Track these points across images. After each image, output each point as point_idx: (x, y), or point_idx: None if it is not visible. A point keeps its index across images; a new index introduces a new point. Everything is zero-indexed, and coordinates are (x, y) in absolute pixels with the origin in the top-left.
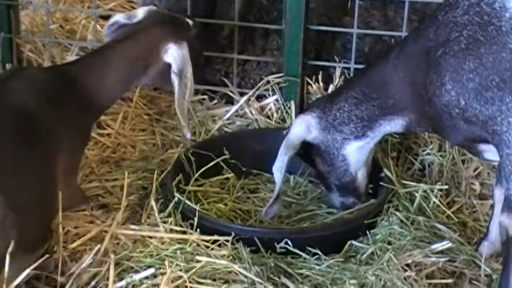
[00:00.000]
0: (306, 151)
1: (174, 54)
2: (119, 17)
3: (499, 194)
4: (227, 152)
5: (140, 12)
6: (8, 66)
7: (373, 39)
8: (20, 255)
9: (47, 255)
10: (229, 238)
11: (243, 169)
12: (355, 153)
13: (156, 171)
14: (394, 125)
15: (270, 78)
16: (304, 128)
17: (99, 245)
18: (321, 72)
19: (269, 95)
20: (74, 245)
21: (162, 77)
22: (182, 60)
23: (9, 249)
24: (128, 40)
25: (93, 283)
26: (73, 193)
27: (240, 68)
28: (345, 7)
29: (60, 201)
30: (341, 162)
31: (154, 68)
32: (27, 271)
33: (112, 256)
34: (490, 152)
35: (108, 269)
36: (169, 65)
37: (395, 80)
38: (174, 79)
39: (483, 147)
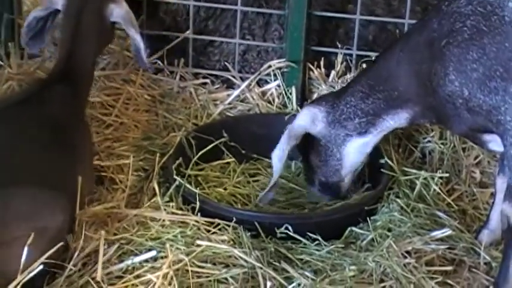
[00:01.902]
0: (304, 142)
1: (119, 13)
2: (35, 14)
3: (500, 183)
4: (227, 136)
5: None
6: (10, 45)
7: (377, 27)
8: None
9: (60, 243)
10: (230, 223)
11: (244, 153)
12: (353, 152)
13: (157, 154)
14: (399, 118)
15: (271, 63)
16: (309, 119)
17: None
18: (322, 58)
19: (271, 80)
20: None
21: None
22: (128, 16)
23: (29, 241)
24: (81, 19)
25: (92, 262)
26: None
27: (240, 58)
28: None
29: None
30: (336, 161)
31: (106, 31)
32: (42, 259)
33: (102, 232)
34: (494, 142)
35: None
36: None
37: (400, 72)
38: (133, 33)
39: (487, 137)
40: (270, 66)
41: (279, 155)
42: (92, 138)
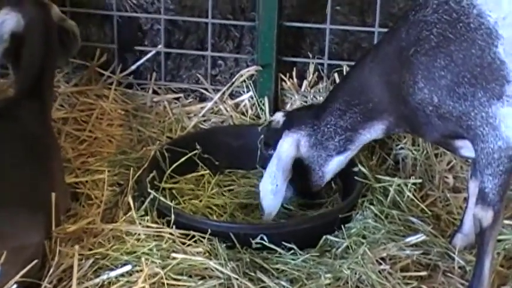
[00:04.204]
0: None
1: (58, 12)
2: (2, 47)
3: (473, 187)
4: (200, 148)
5: None
6: None
7: (352, 45)
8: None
9: (35, 261)
10: (206, 235)
11: (218, 165)
12: (334, 169)
13: (132, 168)
14: (374, 130)
15: (242, 72)
16: (294, 147)
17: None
18: (294, 68)
19: (243, 91)
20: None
21: None
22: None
23: (2, 260)
24: (49, 34)
25: (67, 278)
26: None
27: (212, 79)
28: (322, 12)
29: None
30: (318, 178)
31: None
32: (17, 278)
33: (76, 247)
34: (466, 149)
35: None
36: None
37: (372, 83)
38: (70, 25)
39: (459, 143)
40: (241, 76)
41: (272, 190)
42: (61, 152)
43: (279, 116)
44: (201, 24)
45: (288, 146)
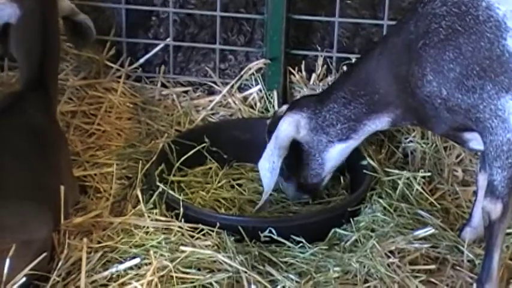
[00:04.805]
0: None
1: (67, 4)
2: None
3: (482, 180)
4: (208, 141)
5: None
6: None
7: (363, 39)
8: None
9: (44, 254)
10: (214, 228)
11: (226, 158)
12: (334, 157)
13: (141, 161)
14: (380, 122)
15: (251, 65)
16: (293, 127)
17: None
18: (303, 61)
19: (252, 84)
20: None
21: None
22: (71, 4)
23: (10, 253)
24: (48, 24)
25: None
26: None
27: (221, 73)
28: (332, 6)
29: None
30: (318, 165)
31: None
32: (26, 270)
33: (85, 240)
34: (475, 141)
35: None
36: None
37: (380, 75)
38: (83, 18)
39: (468, 136)
40: (250, 69)
41: (269, 168)
42: (68, 145)
43: (285, 107)
44: (215, 19)
45: (287, 125)
